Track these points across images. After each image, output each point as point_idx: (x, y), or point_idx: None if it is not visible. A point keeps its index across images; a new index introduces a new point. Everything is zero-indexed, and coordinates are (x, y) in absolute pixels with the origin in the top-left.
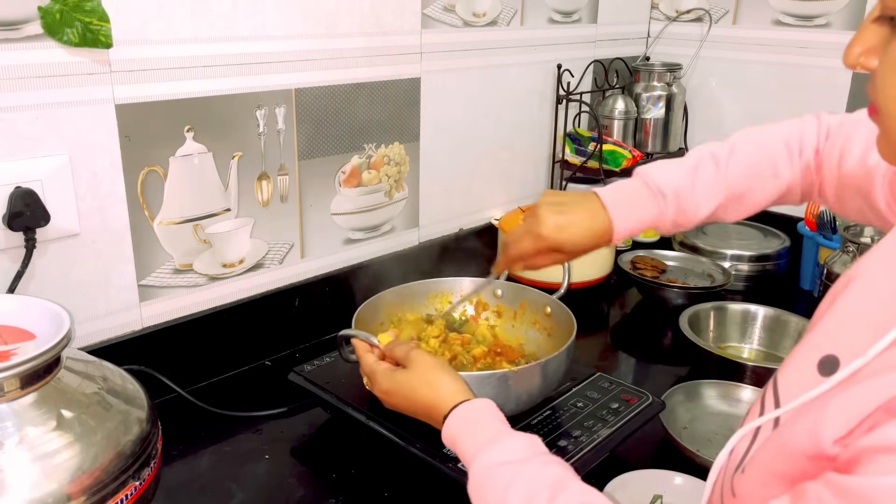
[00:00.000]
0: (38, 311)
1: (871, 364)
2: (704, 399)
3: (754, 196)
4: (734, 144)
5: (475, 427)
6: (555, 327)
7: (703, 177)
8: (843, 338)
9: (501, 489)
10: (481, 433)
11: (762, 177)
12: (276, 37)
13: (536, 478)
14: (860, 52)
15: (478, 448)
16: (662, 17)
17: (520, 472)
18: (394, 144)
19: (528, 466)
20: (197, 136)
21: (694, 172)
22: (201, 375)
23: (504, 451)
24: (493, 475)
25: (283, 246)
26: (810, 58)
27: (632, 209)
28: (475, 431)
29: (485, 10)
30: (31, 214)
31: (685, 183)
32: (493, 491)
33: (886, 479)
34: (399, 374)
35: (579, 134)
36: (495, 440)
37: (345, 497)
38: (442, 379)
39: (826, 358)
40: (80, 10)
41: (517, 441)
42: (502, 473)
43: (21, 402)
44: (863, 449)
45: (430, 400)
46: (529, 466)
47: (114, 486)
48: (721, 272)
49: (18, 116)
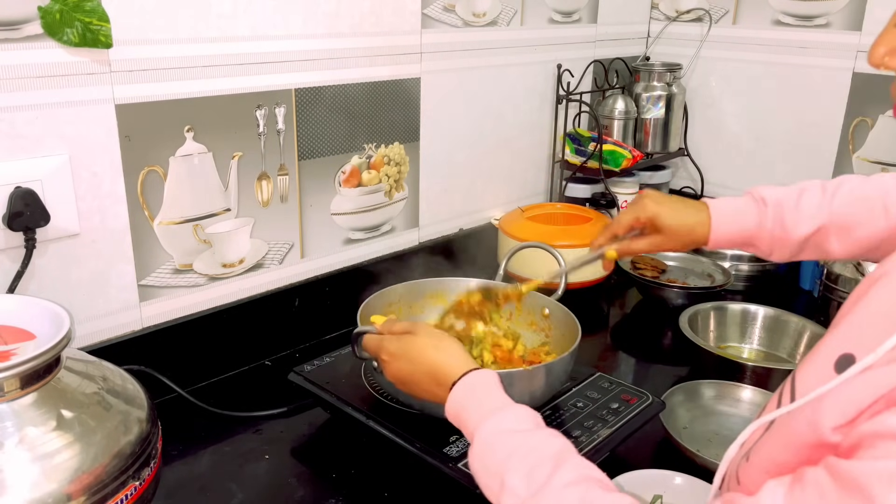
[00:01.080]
0: (38, 311)
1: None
2: (704, 399)
3: (862, 230)
4: (844, 179)
5: (482, 395)
6: (552, 328)
7: (809, 198)
8: (862, 337)
9: (503, 457)
10: (487, 401)
11: (872, 211)
12: (276, 37)
13: (540, 448)
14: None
15: (483, 415)
16: (662, 17)
17: (523, 442)
18: (394, 144)
19: (532, 437)
20: (197, 136)
21: (800, 192)
22: (201, 375)
23: (509, 420)
24: (496, 442)
25: (283, 246)
26: (810, 58)
27: (732, 213)
28: (482, 399)
29: (485, 10)
30: (31, 214)
31: (789, 198)
32: (496, 457)
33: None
34: (405, 338)
35: (579, 134)
36: (501, 409)
37: (345, 497)
38: (450, 344)
39: (843, 356)
40: (80, 10)
41: (522, 412)
42: (506, 441)
43: (21, 402)
44: (863, 435)
45: (438, 364)
46: (533, 437)
47: (114, 486)
48: (721, 272)
49: (18, 116)
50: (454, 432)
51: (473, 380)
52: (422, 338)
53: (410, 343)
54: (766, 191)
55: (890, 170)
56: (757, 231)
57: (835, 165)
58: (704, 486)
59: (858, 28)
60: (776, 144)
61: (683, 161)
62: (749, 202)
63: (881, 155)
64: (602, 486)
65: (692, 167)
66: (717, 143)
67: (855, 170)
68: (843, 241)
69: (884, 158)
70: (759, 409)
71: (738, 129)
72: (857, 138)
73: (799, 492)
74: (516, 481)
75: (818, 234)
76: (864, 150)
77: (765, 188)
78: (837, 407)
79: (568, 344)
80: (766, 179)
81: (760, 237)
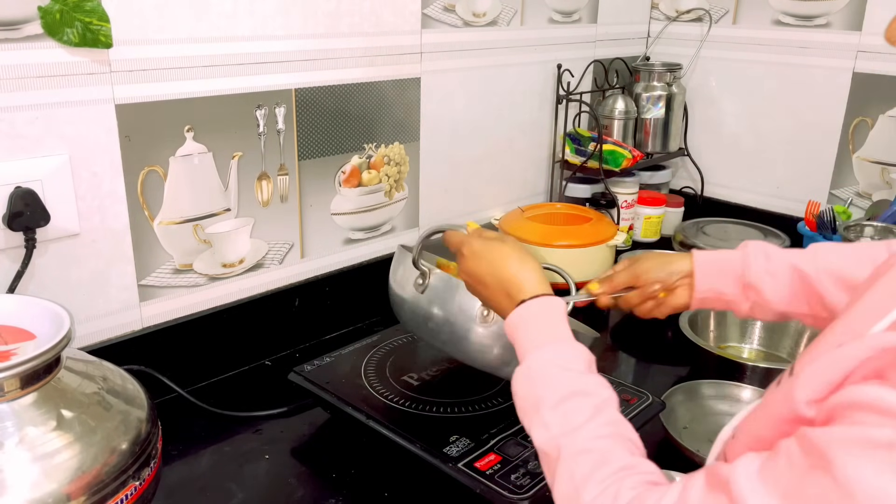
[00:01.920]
0: (38, 311)
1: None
2: (704, 399)
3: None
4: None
5: (546, 322)
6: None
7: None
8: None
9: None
10: (550, 330)
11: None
12: (276, 37)
13: (584, 392)
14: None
15: (542, 342)
16: (662, 17)
17: (572, 381)
18: (394, 144)
19: (581, 379)
20: (197, 136)
21: (789, 248)
22: (201, 375)
23: (565, 356)
24: (546, 372)
25: (283, 246)
26: (810, 58)
27: (715, 257)
28: (544, 326)
29: (485, 10)
30: (31, 214)
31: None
32: (540, 386)
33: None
34: (494, 242)
35: (579, 134)
36: (561, 342)
37: (345, 497)
38: (533, 265)
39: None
40: (80, 10)
41: (579, 351)
42: (556, 376)
43: (21, 402)
44: (833, 407)
45: (517, 276)
46: (582, 379)
47: (114, 486)
48: None
49: (18, 116)
50: (454, 432)
51: (542, 304)
52: (509, 248)
53: (497, 248)
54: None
55: (890, 170)
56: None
57: (835, 165)
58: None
59: (858, 28)
60: (776, 144)
61: (683, 161)
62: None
63: (881, 155)
64: (630, 446)
65: (692, 167)
66: (717, 143)
67: (855, 170)
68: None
69: (884, 158)
70: None
71: (738, 129)
72: (857, 138)
73: (772, 460)
74: (551, 416)
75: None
76: (864, 150)
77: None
78: (811, 381)
79: None
80: (767, 179)
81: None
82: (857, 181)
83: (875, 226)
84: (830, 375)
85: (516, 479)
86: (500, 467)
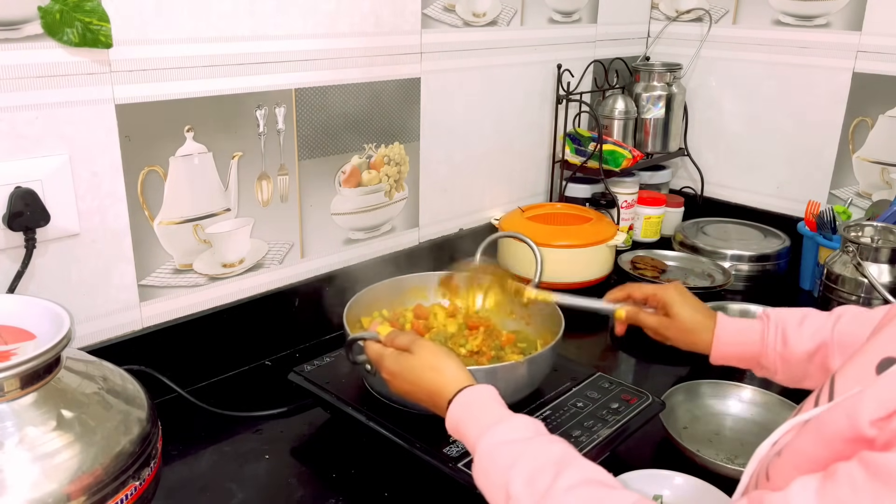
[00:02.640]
0: (38, 311)
1: None
2: (704, 399)
3: None
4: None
5: (479, 410)
6: (531, 315)
7: (812, 318)
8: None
9: (505, 467)
10: (485, 416)
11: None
12: (276, 37)
13: (540, 455)
14: None
15: (481, 430)
16: (662, 17)
17: (524, 450)
18: (394, 144)
19: (532, 445)
20: (197, 136)
21: (804, 314)
22: (201, 375)
23: (508, 431)
24: (497, 454)
25: (283, 246)
26: (810, 58)
27: (737, 327)
28: (479, 415)
29: (485, 10)
30: (31, 214)
31: (793, 316)
32: (497, 470)
33: None
34: (404, 357)
35: (579, 134)
36: (499, 421)
37: (345, 497)
38: (446, 365)
39: (885, 359)
40: (80, 10)
41: (520, 421)
42: (506, 452)
43: (21, 402)
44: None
45: (435, 384)
46: (533, 445)
47: (114, 486)
48: (721, 272)
49: (18, 116)
50: None
51: (469, 396)
52: (419, 358)
53: (408, 363)
54: (771, 310)
55: (890, 170)
56: (761, 347)
57: (835, 165)
58: (704, 486)
59: (858, 28)
60: (776, 144)
61: (683, 161)
62: (754, 321)
63: (881, 155)
64: (604, 486)
65: (692, 167)
66: (717, 143)
67: (855, 170)
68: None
69: (884, 158)
70: (759, 408)
71: (738, 129)
72: (857, 138)
73: (831, 486)
74: (520, 489)
75: (821, 352)
76: (864, 150)
77: (771, 309)
78: (876, 400)
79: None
80: (766, 179)
81: (765, 354)
82: (857, 181)
83: (875, 226)
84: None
85: None
86: None
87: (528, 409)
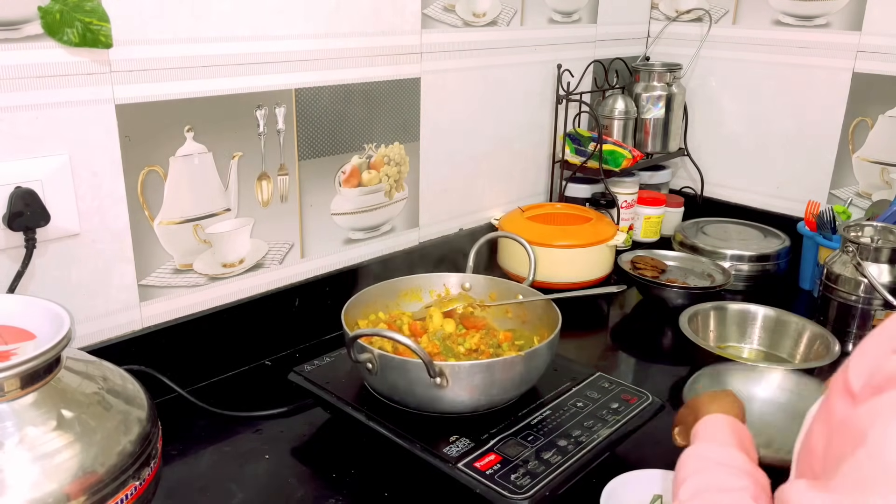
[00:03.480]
0: (38, 311)
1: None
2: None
3: None
4: None
5: (716, 430)
6: (528, 314)
7: None
8: None
9: (685, 476)
10: (718, 434)
11: None
12: (276, 37)
13: (716, 480)
14: None
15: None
16: (662, 17)
17: (710, 469)
18: (394, 144)
19: (721, 470)
20: (197, 136)
21: None
22: (201, 375)
23: (717, 453)
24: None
25: (283, 246)
26: (810, 58)
27: None
28: (714, 432)
29: (485, 10)
30: (31, 214)
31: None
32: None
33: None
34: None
35: (579, 134)
36: (719, 444)
37: (345, 497)
38: (717, 406)
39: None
40: (80, 10)
41: (733, 454)
42: (697, 464)
43: (21, 402)
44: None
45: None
46: (721, 470)
47: (114, 486)
48: (721, 272)
49: (18, 116)
50: (454, 432)
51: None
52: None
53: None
54: None
55: (890, 170)
56: None
57: (835, 165)
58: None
59: (858, 28)
60: (776, 144)
61: (683, 161)
62: None
63: (881, 155)
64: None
65: (692, 167)
66: (717, 143)
67: (855, 170)
68: None
69: (884, 158)
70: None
71: (738, 129)
72: (857, 138)
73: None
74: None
75: None
76: (864, 150)
77: None
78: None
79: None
80: (767, 179)
81: None
82: (857, 181)
83: (875, 226)
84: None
85: (516, 479)
86: (500, 467)
87: (528, 408)
